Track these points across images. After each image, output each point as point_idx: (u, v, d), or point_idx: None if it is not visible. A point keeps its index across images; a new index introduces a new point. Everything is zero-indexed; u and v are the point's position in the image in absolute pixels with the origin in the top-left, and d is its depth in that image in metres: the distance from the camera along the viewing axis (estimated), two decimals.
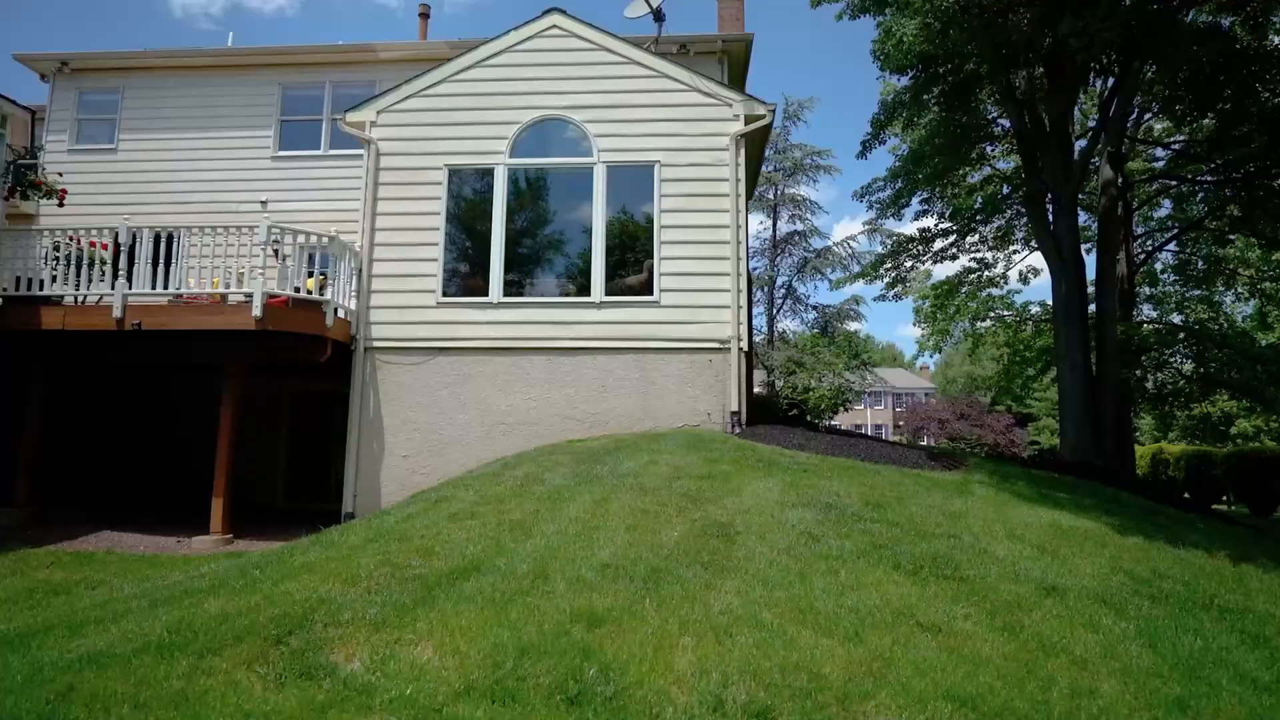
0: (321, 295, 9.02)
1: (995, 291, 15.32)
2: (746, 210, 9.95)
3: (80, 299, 9.01)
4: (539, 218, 10.11)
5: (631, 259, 9.82)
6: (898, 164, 13.61)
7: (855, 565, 4.81)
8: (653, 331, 9.41)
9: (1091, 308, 13.92)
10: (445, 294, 9.55)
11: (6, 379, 10.64)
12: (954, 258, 15.18)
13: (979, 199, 14.25)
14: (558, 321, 9.46)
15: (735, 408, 9.19)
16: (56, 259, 8.94)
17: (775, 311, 18.29)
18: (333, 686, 3.24)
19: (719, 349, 9.34)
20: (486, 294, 9.50)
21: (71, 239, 9.00)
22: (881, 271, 15.28)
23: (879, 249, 16.73)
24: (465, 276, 9.75)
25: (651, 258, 9.63)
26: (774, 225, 18.78)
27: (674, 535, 5.08)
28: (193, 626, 3.94)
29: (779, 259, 18.45)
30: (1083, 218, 14.64)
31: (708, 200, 9.64)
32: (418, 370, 9.41)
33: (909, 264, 15.28)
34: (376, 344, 9.48)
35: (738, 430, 9.10)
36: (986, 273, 15.24)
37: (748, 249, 10.13)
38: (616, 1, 12.81)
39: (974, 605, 4.38)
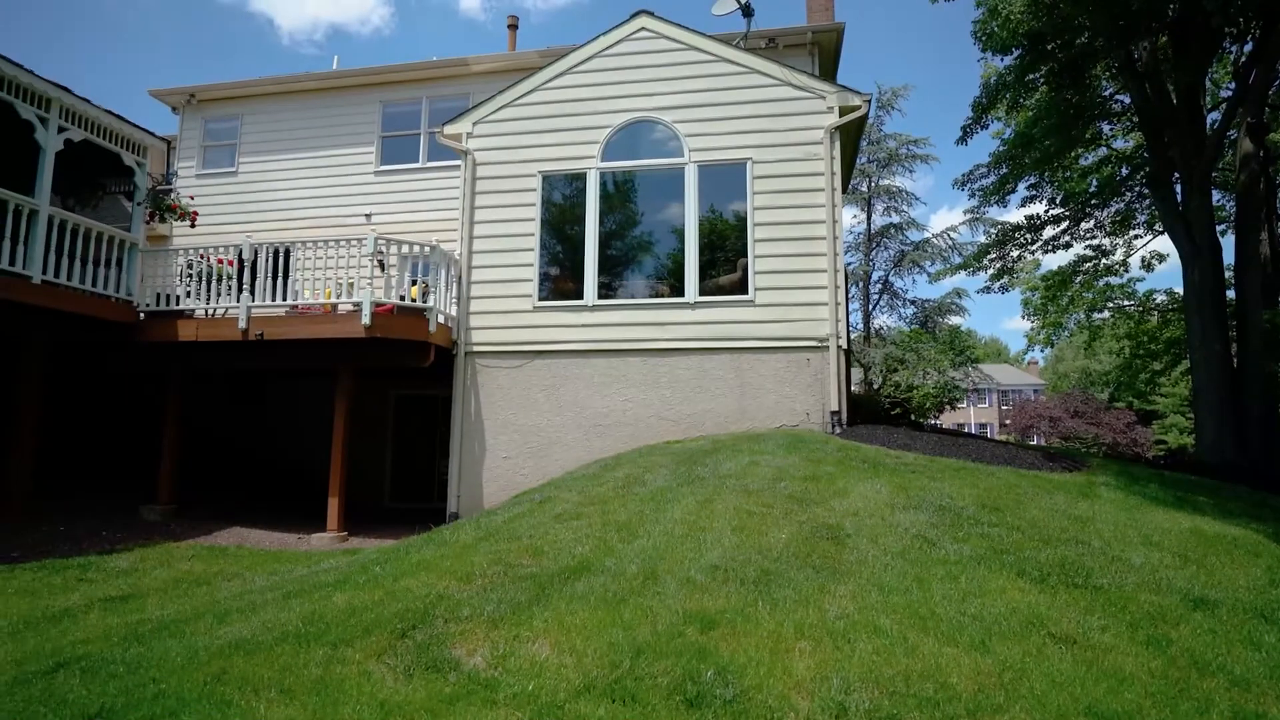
0: (424, 303, 9.38)
1: (1114, 280, 14.25)
2: (842, 204, 9.67)
3: (210, 312, 9.70)
4: (629, 219, 10.16)
5: (722, 258, 9.73)
6: (1002, 148, 12.88)
7: (975, 571, 4.56)
8: (747, 331, 9.29)
9: (1229, 294, 12.77)
10: (540, 298, 9.74)
11: (146, 388, 11.61)
12: (1066, 246, 14.23)
13: (1094, 181, 13.30)
14: (651, 323, 9.47)
15: (835, 407, 8.94)
16: (190, 275, 9.68)
17: (871, 308, 17.72)
18: (458, 680, 3.33)
19: (817, 347, 9.12)
20: (581, 297, 9.63)
21: (202, 257, 9.72)
22: (985, 263, 14.50)
23: (982, 239, 15.92)
24: (559, 280, 9.91)
25: (744, 256, 9.51)
26: (868, 218, 18.20)
27: (781, 537, 4.97)
28: (324, 619, 4.14)
29: (874, 253, 17.87)
30: (1216, 197, 13.45)
31: (801, 195, 9.44)
32: (516, 373, 9.63)
33: (1016, 254, 14.44)
34: (476, 348, 9.77)
35: (838, 430, 8.85)
36: (1104, 260, 14.19)
37: (843, 244, 9.83)
38: (704, 1, 12.74)
39: (1111, 616, 4.07)
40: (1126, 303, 13.79)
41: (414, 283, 9.81)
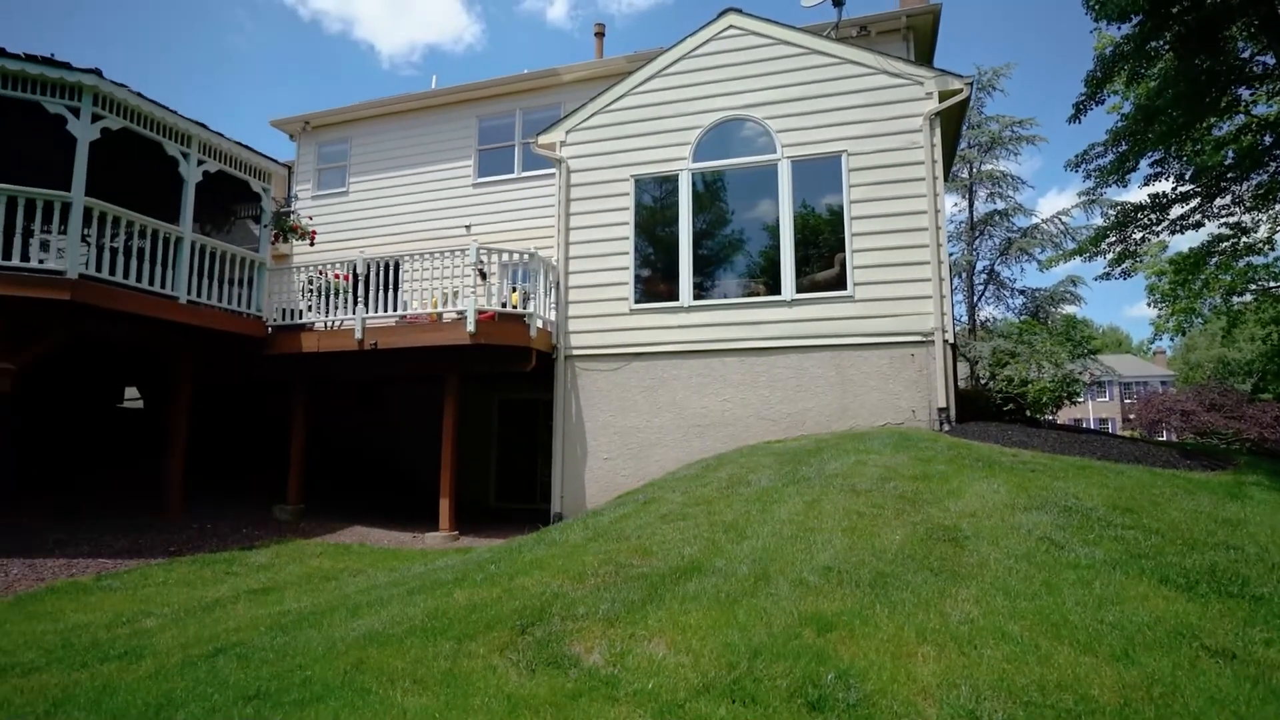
0: (524, 309, 9.67)
1: (1257, 260, 12.94)
2: (944, 193, 9.29)
3: (329, 324, 10.35)
4: (719, 218, 10.13)
5: (815, 254, 9.55)
6: (1121, 124, 11.93)
7: (1111, 576, 4.29)
8: (847, 327, 9.08)
9: None
10: (636, 301, 9.85)
11: (270, 397, 12.50)
12: (1197, 225, 13.04)
13: (1230, 153, 12.14)
14: (748, 322, 9.41)
15: (943, 404, 8.61)
16: (311, 291, 10.37)
17: (976, 299, 16.86)
18: (579, 677, 3.42)
19: (921, 342, 8.81)
20: (676, 298, 9.67)
21: (320, 273, 10.39)
22: (1104, 247, 13.50)
23: (1099, 222, 14.84)
24: (654, 282, 9.99)
25: (840, 251, 9.31)
26: (970, 206, 17.35)
27: (895, 539, 4.83)
28: (447, 614, 4.35)
29: (978, 242, 17.00)
30: None
31: (901, 186, 9.14)
32: (614, 375, 9.78)
33: (1138, 236, 13.37)
34: (575, 352, 9.98)
35: (947, 428, 8.51)
36: (1244, 239, 12.92)
37: (946, 234, 9.45)
38: None
39: (1276, 629, 3.73)
40: (1273, 284, 12.48)
41: (514, 290, 10.14)
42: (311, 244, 11.48)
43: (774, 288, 9.48)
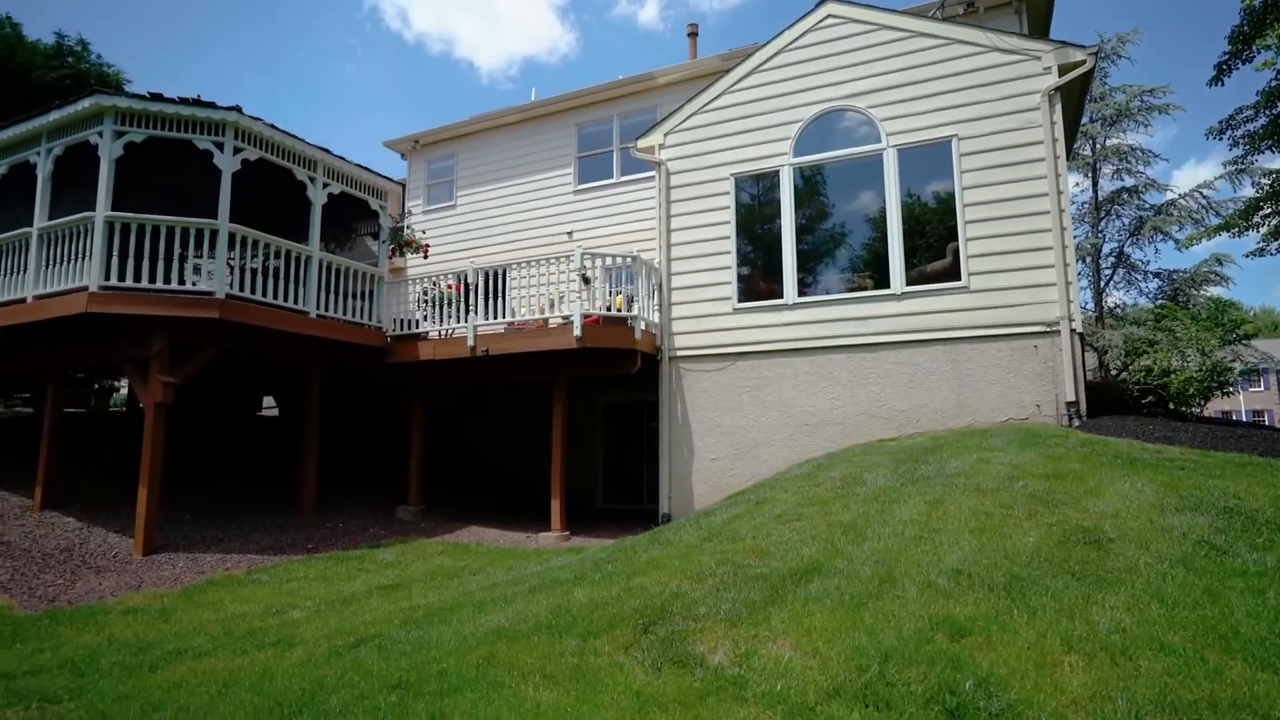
0: (628, 312, 9.79)
1: None
2: (1066, 172, 8.72)
3: (442, 333, 10.85)
4: (820, 213, 9.91)
5: (923, 244, 9.18)
6: (1276, 82, 10.82)
7: None
8: (962, 319, 8.67)
9: None
10: (740, 300, 9.78)
11: (391, 402, 13.21)
12: None
13: None
14: (854, 317, 9.15)
15: (1072, 397, 8.07)
16: (425, 301, 10.90)
17: (1103, 284, 15.67)
18: (705, 676, 3.43)
19: (1045, 332, 8.30)
20: (780, 296, 9.53)
21: (434, 284, 10.90)
22: (1257, 220, 12.26)
23: (1250, 193, 13.44)
24: (757, 280, 9.89)
25: (953, 239, 8.91)
26: (1094, 185, 16.12)
27: (1029, 541, 4.57)
28: (569, 612, 4.46)
29: (1104, 223, 15.80)
30: None
31: (1018, 169, 8.66)
32: (719, 375, 9.74)
33: None
34: (679, 353, 10.02)
35: (1077, 423, 7.98)
36: None
37: (1070, 216, 8.86)
38: None
39: None
40: None
41: (617, 293, 10.28)
42: (425, 256, 12.07)
43: (881, 281, 9.18)
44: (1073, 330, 8.20)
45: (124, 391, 16.96)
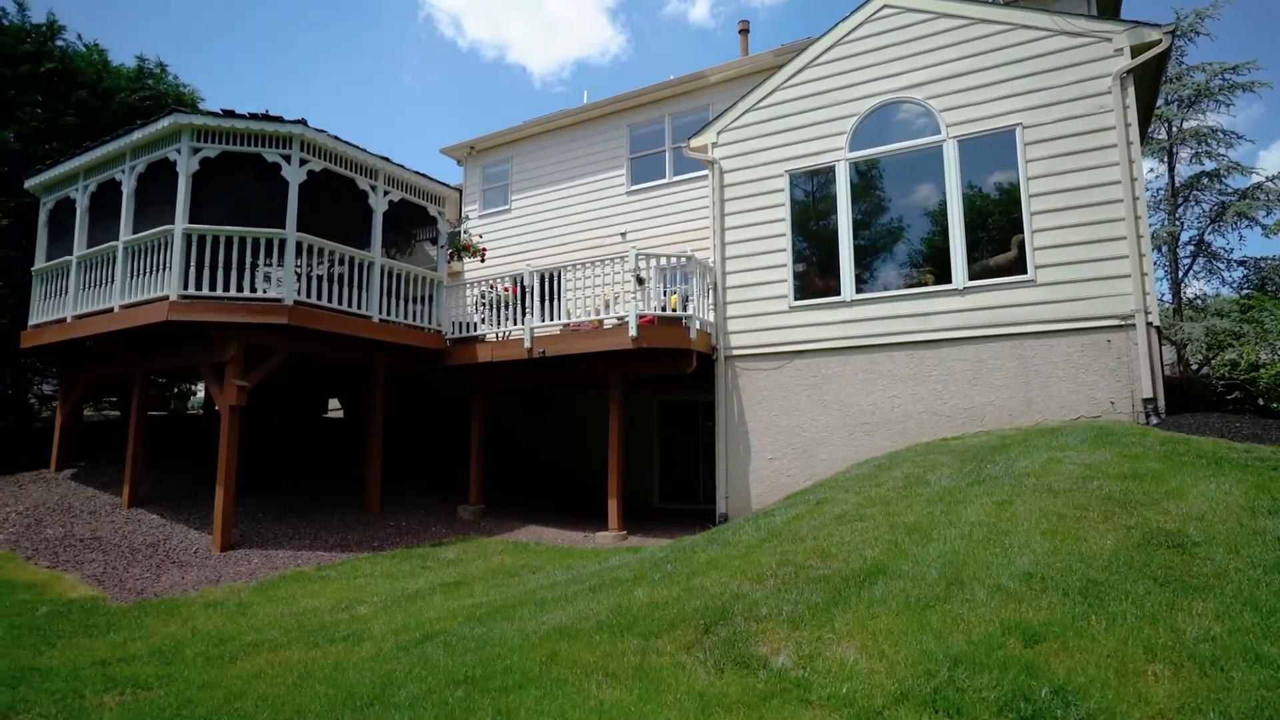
0: (683, 311, 9.78)
1: None
2: (1140, 158, 8.33)
3: (499, 335, 11.04)
4: (876, 207, 9.71)
5: (986, 237, 8.90)
6: None
7: None
8: (1029, 314, 8.38)
9: None
10: (796, 298, 9.66)
11: (449, 404, 13.50)
12: None
13: None
14: (915, 314, 8.94)
15: (1149, 394, 7.71)
16: (482, 304, 11.10)
17: (1182, 275, 14.90)
18: (768, 678, 3.40)
19: (1119, 326, 7.95)
20: (838, 293, 9.38)
21: (491, 287, 11.10)
22: None
23: None
24: (813, 278, 9.75)
25: (1018, 231, 8.62)
26: (1170, 171, 15.33)
27: (1106, 544, 4.38)
28: (630, 611, 4.48)
29: (1181, 210, 15.03)
30: None
31: (1087, 156, 8.31)
32: (776, 374, 9.65)
33: None
34: (735, 352, 9.96)
35: (1155, 421, 7.62)
36: None
37: (1145, 204, 8.46)
38: None
39: None
40: None
41: (672, 293, 10.28)
42: (482, 260, 12.31)
43: (942, 276, 8.94)
44: (1149, 323, 7.83)
45: (200, 395, 17.78)
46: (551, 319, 10.38)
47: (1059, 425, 7.86)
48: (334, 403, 17.61)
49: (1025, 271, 8.48)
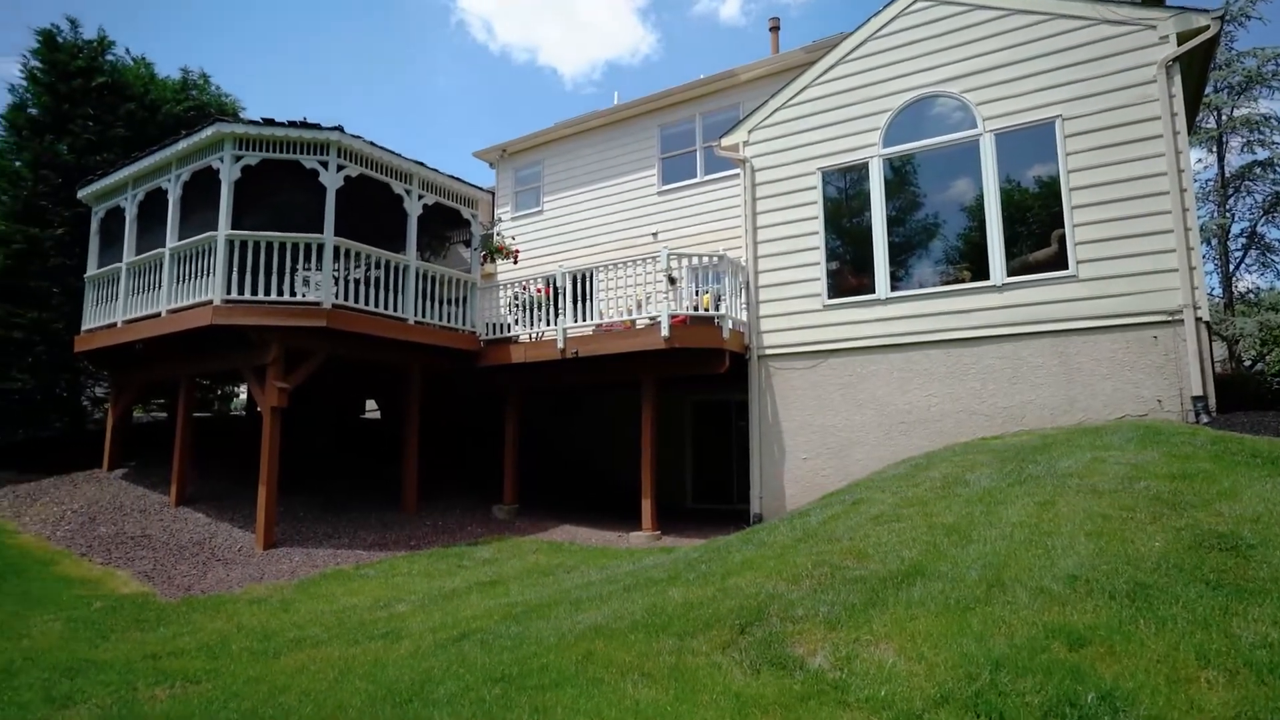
0: (715, 311, 9.75)
1: None
2: (1188, 148, 8.08)
3: (532, 335, 11.12)
4: (912, 204, 9.57)
5: (1024, 232, 8.72)
6: None
7: None
8: (1070, 310, 8.19)
9: None
10: (829, 296, 9.56)
11: (483, 405, 13.64)
12: None
13: None
14: (952, 311, 8.79)
15: (1198, 391, 7.48)
16: (515, 305, 11.20)
17: (1233, 268, 14.40)
18: (805, 679, 3.37)
19: (1166, 321, 7.72)
20: (872, 291, 9.26)
21: (524, 288, 11.19)
22: None
23: None
24: (846, 276, 9.64)
25: (1059, 226, 8.43)
26: (1220, 161, 14.83)
27: (1154, 546, 4.26)
28: (665, 611, 4.48)
29: (1232, 201, 14.53)
30: None
31: (1131, 147, 8.10)
32: (809, 374, 9.56)
33: None
34: (768, 351, 9.89)
35: (1205, 420, 7.38)
36: None
37: (1193, 195, 8.20)
38: None
39: None
40: None
41: (704, 292, 10.25)
42: (515, 262, 12.41)
43: (980, 272, 8.78)
44: (1198, 318, 7.59)
45: (242, 397, 18.24)
46: (584, 319, 10.43)
47: (1103, 424, 7.65)
48: (371, 404, 17.93)
49: (1066, 267, 8.29)
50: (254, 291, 8.91)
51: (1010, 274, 8.58)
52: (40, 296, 12.19)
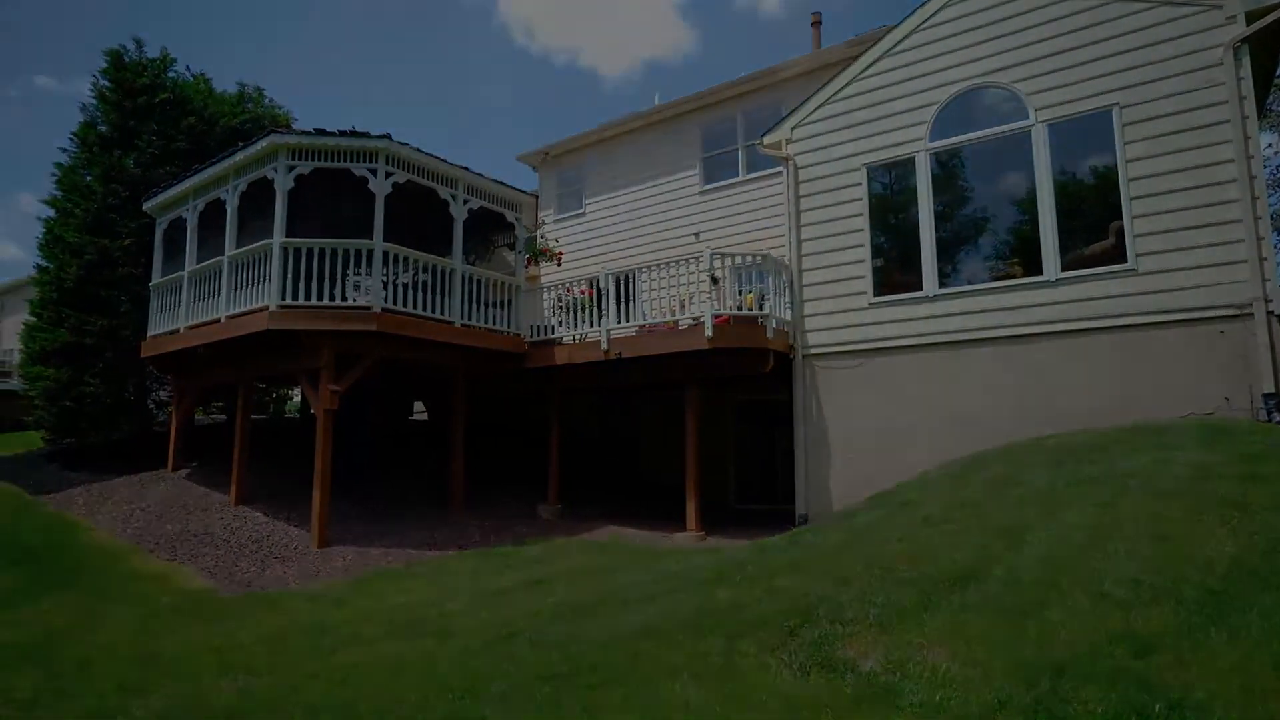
0: (759, 310, 9.68)
1: None
2: (1257, 134, 7.73)
3: (576, 337, 11.19)
4: (960, 198, 9.36)
5: (1079, 225, 8.45)
6: None
7: None
8: (1128, 305, 7.91)
9: None
10: (875, 294, 9.41)
11: (527, 406, 13.79)
12: None
13: None
14: (1003, 307, 8.57)
15: (1270, 388, 7.16)
16: (559, 307, 11.30)
17: None
18: (856, 682, 3.33)
19: (1234, 315, 7.41)
20: (919, 288, 9.09)
21: (568, 290, 11.27)
22: None
23: None
24: (893, 273, 9.48)
25: (1116, 218, 8.15)
26: None
27: (1225, 550, 4.09)
28: (713, 612, 4.48)
29: None
30: None
31: (1195, 134, 7.78)
32: (855, 373, 9.43)
33: None
34: (813, 351, 9.78)
35: (1277, 418, 7.04)
36: None
37: (1264, 183, 7.84)
38: None
39: None
40: None
41: (748, 292, 10.18)
42: (559, 265, 12.51)
43: (1031, 267, 8.54)
44: (1270, 312, 7.25)
45: (296, 399, 18.79)
46: (627, 320, 10.46)
47: (1164, 423, 7.36)
48: (419, 405, 18.29)
49: (1125, 260, 8.01)
50: (307, 297, 9.16)
51: (1064, 268, 8.33)
52: (110, 305, 12.76)
